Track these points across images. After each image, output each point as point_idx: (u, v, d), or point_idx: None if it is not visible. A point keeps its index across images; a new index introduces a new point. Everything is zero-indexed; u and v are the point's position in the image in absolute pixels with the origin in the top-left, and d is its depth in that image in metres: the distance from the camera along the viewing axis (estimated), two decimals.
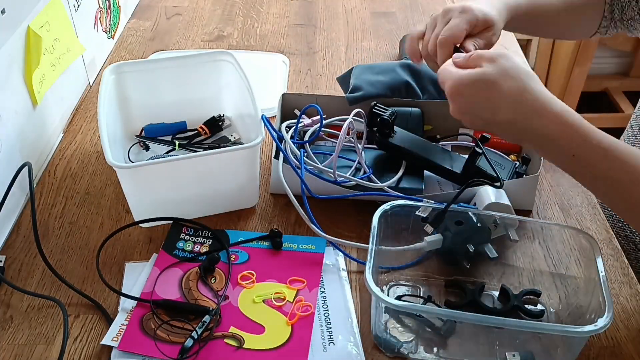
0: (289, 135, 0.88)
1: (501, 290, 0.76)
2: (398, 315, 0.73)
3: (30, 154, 0.91)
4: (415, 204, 0.78)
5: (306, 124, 0.93)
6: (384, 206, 0.75)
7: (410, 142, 0.91)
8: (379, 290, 0.65)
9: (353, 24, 1.39)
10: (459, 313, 0.67)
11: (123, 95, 0.95)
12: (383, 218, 0.74)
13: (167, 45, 1.29)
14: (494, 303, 0.76)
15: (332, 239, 0.82)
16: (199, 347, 0.69)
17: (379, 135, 0.90)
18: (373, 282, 0.65)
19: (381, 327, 0.72)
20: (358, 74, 1.04)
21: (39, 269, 0.79)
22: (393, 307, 0.66)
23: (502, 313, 0.74)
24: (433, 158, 0.89)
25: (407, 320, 0.73)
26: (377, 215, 0.74)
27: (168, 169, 0.80)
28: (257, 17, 1.41)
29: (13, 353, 0.70)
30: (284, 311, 0.74)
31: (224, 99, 1.01)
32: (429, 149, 0.91)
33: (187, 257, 0.81)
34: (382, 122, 0.88)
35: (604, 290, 0.66)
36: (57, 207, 0.89)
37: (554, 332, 0.66)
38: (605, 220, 0.89)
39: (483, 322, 0.65)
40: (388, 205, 0.76)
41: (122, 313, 0.73)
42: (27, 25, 0.90)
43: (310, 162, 0.87)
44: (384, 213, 0.75)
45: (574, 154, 0.66)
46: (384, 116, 0.88)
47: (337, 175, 0.86)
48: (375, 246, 0.70)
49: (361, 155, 0.90)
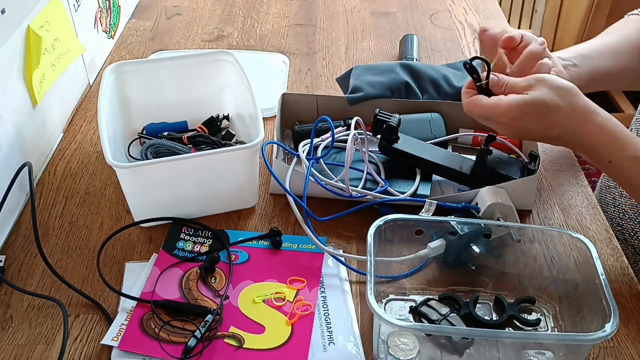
0: (304, 153, 0.88)
1: (495, 300, 0.76)
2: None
3: (30, 154, 0.91)
4: (409, 217, 0.76)
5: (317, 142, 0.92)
6: (377, 222, 0.74)
7: (416, 147, 0.90)
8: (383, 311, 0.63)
9: (353, 24, 1.39)
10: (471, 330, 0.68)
11: (123, 95, 0.95)
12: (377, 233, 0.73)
13: (167, 45, 1.29)
14: (491, 313, 0.75)
15: (333, 252, 0.82)
16: (202, 346, 0.69)
17: (384, 141, 0.89)
18: (376, 303, 0.64)
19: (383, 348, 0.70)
20: (358, 75, 1.04)
21: (39, 269, 0.79)
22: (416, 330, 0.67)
23: (498, 324, 0.73)
24: (441, 161, 0.88)
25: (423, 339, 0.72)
26: (371, 232, 0.72)
27: (168, 169, 0.80)
28: (257, 17, 1.41)
29: (13, 353, 0.70)
30: (284, 311, 0.74)
31: (224, 98, 1.01)
32: (435, 152, 0.90)
33: (187, 257, 0.81)
34: (389, 129, 0.88)
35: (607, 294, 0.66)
36: (57, 207, 0.89)
37: (563, 341, 0.66)
38: (605, 220, 0.89)
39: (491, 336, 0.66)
40: (381, 220, 0.74)
41: (122, 313, 0.73)
42: (27, 25, 0.90)
43: (326, 179, 0.87)
44: (378, 229, 0.73)
45: (610, 161, 0.77)
46: (390, 122, 0.87)
47: (352, 190, 0.85)
48: (374, 266, 0.68)
49: (368, 164, 0.89)
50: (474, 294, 0.76)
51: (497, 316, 0.75)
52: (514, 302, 0.75)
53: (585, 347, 0.67)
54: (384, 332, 0.70)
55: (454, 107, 0.99)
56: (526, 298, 0.76)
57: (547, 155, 1.00)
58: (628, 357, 0.71)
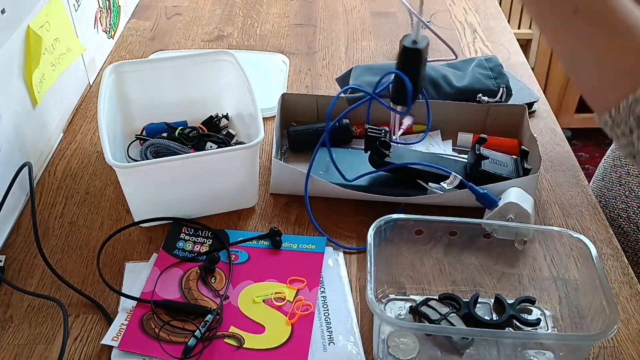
0: None
1: (496, 299, 0.76)
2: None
3: (30, 153, 0.91)
4: (409, 217, 0.76)
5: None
6: (377, 222, 0.74)
7: (408, 157, 0.90)
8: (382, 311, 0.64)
9: (353, 24, 1.39)
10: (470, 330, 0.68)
11: (123, 95, 0.95)
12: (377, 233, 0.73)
13: (167, 45, 1.29)
14: (491, 312, 0.75)
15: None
16: (202, 346, 0.69)
17: (376, 156, 0.88)
18: (376, 302, 0.64)
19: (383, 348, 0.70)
20: (357, 75, 1.04)
21: (39, 269, 0.79)
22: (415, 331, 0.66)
23: (499, 324, 0.73)
24: (435, 169, 0.88)
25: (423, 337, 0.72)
26: (371, 231, 0.72)
27: (168, 169, 0.80)
28: (257, 17, 1.41)
29: (13, 353, 0.70)
30: (284, 311, 0.74)
31: (224, 98, 1.01)
32: (428, 159, 0.90)
33: (187, 257, 0.81)
34: (383, 145, 0.87)
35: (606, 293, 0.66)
36: (57, 207, 0.89)
37: (564, 341, 0.65)
38: (605, 220, 0.89)
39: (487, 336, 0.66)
40: (382, 220, 0.74)
41: (122, 313, 0.73)
42: (27, 25, 0.90)
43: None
44: (378, 229, 0.73)
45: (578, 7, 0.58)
46: (382, 137, 0.87)
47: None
48: (374, 265, 0.68)
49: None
50: (474, 294, 0.76)
51: (497, 316, 0.75)
52: (514, 302, 0.75)
53: (585, 347, 0.68)
54: (384, 331, 0.71)
55: (454, 107, 0.99)
56: (526, 298, 0.76)
57: (547, 155, 1.00)
58: (628, 357, 0.71)
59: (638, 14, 0.57)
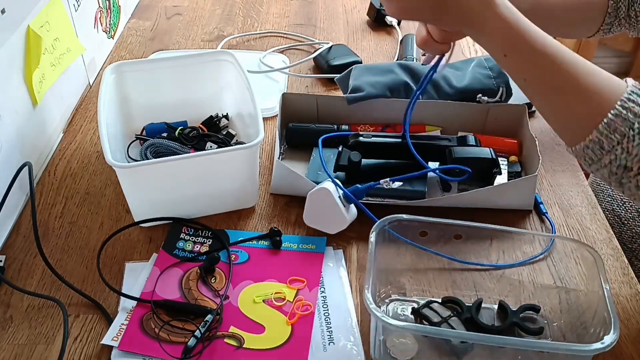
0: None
1: (499, 306, 0.75)
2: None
3: (30, 153, 0.91)
4: (413, 217, 0.76)
5: None
6: (380, 222, 0.74)
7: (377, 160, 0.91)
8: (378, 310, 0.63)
9: (353, 24, 1.39)
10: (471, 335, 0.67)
11: (123, 95, 0.95)
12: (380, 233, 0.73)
13: (167, 45, 1.29)
14: (494, 319, 0.74)
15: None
16: (202, 346, 0.69)
17: (349, 173, 0.90)
18: (373, 302, 0.64)
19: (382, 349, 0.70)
20: (357, 75, 1.04)
21: (39, 269, 0.79)
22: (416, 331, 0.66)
23: (501, 331, 0.72)
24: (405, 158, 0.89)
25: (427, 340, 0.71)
26: (373, 232, 0.72)
27: (168, 169, 0.80)
28: (257, 17, 1.41)
29: (13, 353, 0.70)
30: (284, 311, 0.74)
31: (224, 98, 1.01)
32: (399, 153, 0.90)
33: (187, 257, 0.81)
34: (352, 164, 0.88)
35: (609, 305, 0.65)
36: (57, 207, 0.89)
37: (559, 351, 0.64)
38: (605, 220, 0.89)
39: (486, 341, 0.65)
40: (385, 220, 0.74)
41: (122, 313, 0.73)
42: (27, 25, 0.90)
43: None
44: (382, 229, 0.73)
45: (506, 55, 0.68)
46: (354, 159, 0.88)
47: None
48: (374, 265, 0.68)
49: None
50: (477, 299, 0.75)
51: (500, 322, 0.73)
52: (518, 310, 0.74)
53: (584, 358, 0.66)
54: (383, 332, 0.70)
55: (454, 107, 0.99)
56: (530, 306, 0.74)
57: (547, 155, 1.00)
58: (628, 357, 0.71)
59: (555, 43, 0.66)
